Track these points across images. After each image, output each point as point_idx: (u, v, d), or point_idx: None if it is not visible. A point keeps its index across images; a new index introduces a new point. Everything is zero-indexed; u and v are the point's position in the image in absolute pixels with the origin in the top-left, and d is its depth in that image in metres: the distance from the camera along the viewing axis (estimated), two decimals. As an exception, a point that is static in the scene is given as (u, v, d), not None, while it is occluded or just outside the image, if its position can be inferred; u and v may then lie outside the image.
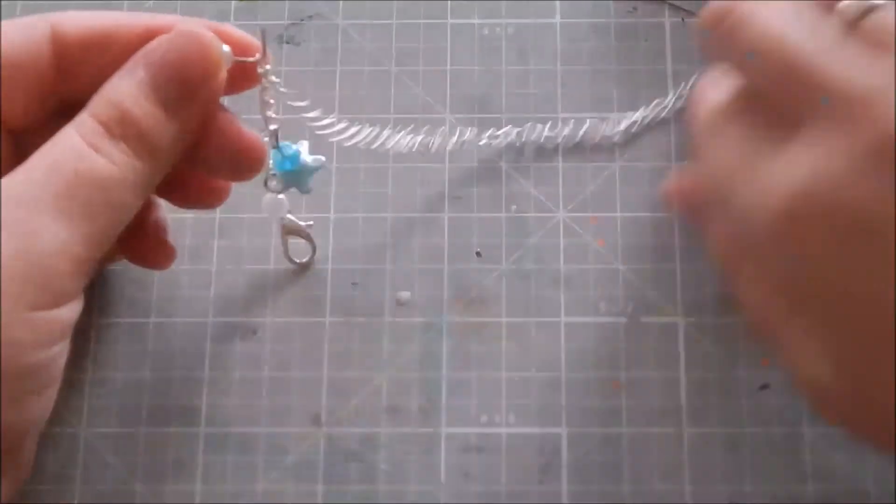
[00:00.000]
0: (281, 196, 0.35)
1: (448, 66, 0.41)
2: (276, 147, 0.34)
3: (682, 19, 0.41)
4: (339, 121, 0.36)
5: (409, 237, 0.38)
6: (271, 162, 0.34)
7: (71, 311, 0.28)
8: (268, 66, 0.32)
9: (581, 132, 0.38)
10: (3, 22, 0.30)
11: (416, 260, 0.38)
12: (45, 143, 0.28)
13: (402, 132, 0.37)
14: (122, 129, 0.28)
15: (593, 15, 0.41)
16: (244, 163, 0.32)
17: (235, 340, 0.37)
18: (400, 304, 0.38)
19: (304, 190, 0.35)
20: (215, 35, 0.30)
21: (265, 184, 0.34)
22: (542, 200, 0.39)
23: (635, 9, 0.41)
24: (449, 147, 0.37)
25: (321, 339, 0.37)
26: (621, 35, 0.41)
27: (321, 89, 0.40)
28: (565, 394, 0.36)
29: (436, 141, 0.37)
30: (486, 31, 0.41)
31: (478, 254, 0.38)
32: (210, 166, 0.32)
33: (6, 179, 0.27)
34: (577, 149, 0.39)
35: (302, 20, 0.42)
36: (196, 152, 0.31)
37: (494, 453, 0.36)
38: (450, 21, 0.41)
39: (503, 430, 0.36)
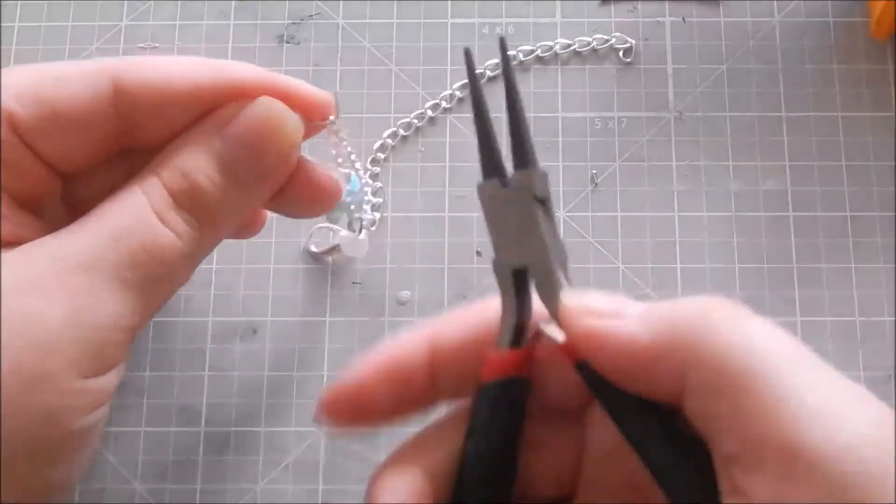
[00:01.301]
0: (362, 237, 0.36)
1: (448, 66, 0.41)
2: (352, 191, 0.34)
3: (683, 19, 0.41)
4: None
5: (410, 237, 0.38)
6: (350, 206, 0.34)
7: (117, 377, 0.27)
8: (340, 129, 0.31)
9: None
10: (65, 65, 0.28)
11: (417, 260, 0.38)
12: (108, 200, 0.27)
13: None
14: (191, 202, 0.27)
15: (597, 15, 0.41)
16: (318, 203, 0.31)
17: (235, 340, 0.37)
18: (400, 303, 0.38)
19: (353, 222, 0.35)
20: (293, 113, 0.28)
21: (348, 225, 0.35)
22: (542, 200, 0.39)
23: (636, 8, 0.41)
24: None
25: (321, 339, 0.37)
26: (623, 35, 0.41)
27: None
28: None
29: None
30: (485, 31, 0.41)
31: (478, 253, 0.38)
32: (279, 207, 0.31)
33: (68, 238, 0.26)
34: (578, 148, 0.39)
35: (302, 19, 0.42)
36: (273, 195, 0.30)
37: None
38: (450, 21, 0.41)
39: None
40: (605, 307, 0.24)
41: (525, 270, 0.26)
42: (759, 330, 0.22)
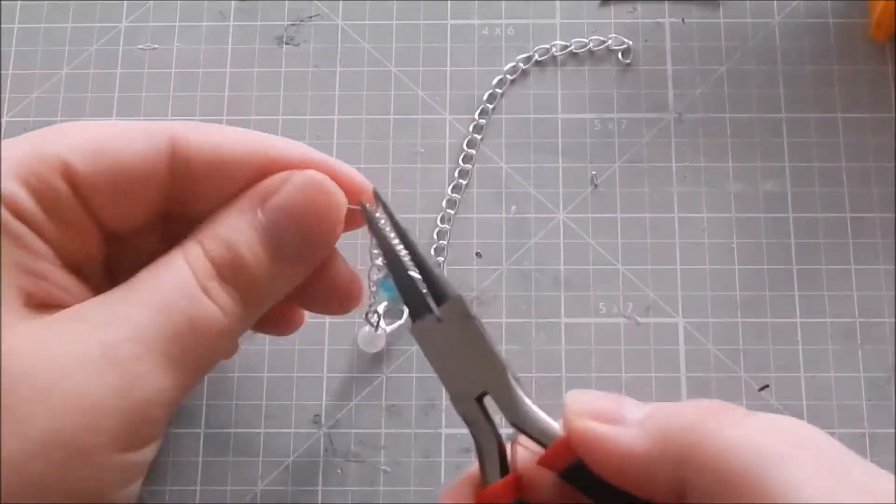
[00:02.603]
0: (379, 332, 0.36)
1: (448, 67, 0.41)
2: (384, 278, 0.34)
3: (682, 19, 0.41)
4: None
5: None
6: (374, 295, 0.34)
7: (153, 452, 0.26)
8: (379, 214, 0.30)
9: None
10: (122, 123, 0.28)
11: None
12: (151, 268, 0.26)
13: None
14: (234, 274, 0.27)
15: (596, 16, 0.41)
16: (344, 303, 0.31)
17: (235, 341, 0.37)
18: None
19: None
20: (339, 189, 0.28)
21: (365, 317, 0.35)
22: (542, 200, 0.39)
23: (635, 9, 0.41)
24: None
25: (321, 340, 0.37)
26: (623, 36, 0.41)
27: (321, 89, 0.40)
28: (565, 394, 0.36)
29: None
30: (485, 31, 0.41)
31: (478, 254, 0.38)
32: (308, 302, 0.31)
33: (114, 308, 0.25)
34: (577, 149, 0.39)
35: (302, 20, 0.42)
36: (299, 290, 0.29)
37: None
38: (450, 21, 0.41)
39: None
40: (605, 410, 0.24)
41: (484, 395, 0.26)
42: (755, 429, 0.22)
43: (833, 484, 0.20)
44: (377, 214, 0.29)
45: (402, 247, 0.28)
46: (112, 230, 0.28)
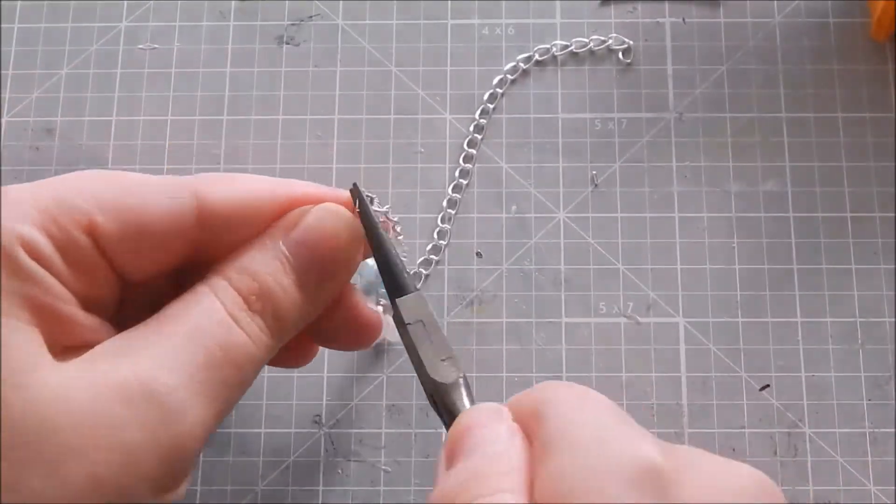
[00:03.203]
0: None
1: (448, 67, 0.41)
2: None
3: (683, 19, 0.41)
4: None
5: (410, 237, 0.38)
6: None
7: (184, 488, 0.26)
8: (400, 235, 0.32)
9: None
10: (147, 177, 0.28)
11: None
12: (179, 301, 0.27)
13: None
14: (262, 304, 0.27)
15: (596, 16, 0.41)
16: (362, 339, 0.32)
17: (235, 341, 0.37)
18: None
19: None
20: (353, 216, 0.29)
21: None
22: (542, 200, 0.39)
23: (636, 8, 0.41)
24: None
25: (321, 339, 0.37)
26: (623, 35, 0.41)
27: (321, 89, 0.40)
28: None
29: None
30: (486, 31, 0.41)
31: (478, 254, 0.38)
32: (325, 337, 0.32)
33: (145, 341, 0.25)
34: (577, 149, 0.39)
35: (302, 20, 0.42)
36: (318, 324, 0.30)
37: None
38: (450, 21, 0.41)
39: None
40: (453, 444, 0.25)
41: (433, 396, 0.28)
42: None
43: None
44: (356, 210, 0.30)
45: (373, 240, 0.29)
46: (129, 279, 0.28)
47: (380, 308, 0.34)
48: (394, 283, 0.29)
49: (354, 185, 0.30)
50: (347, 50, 0.41)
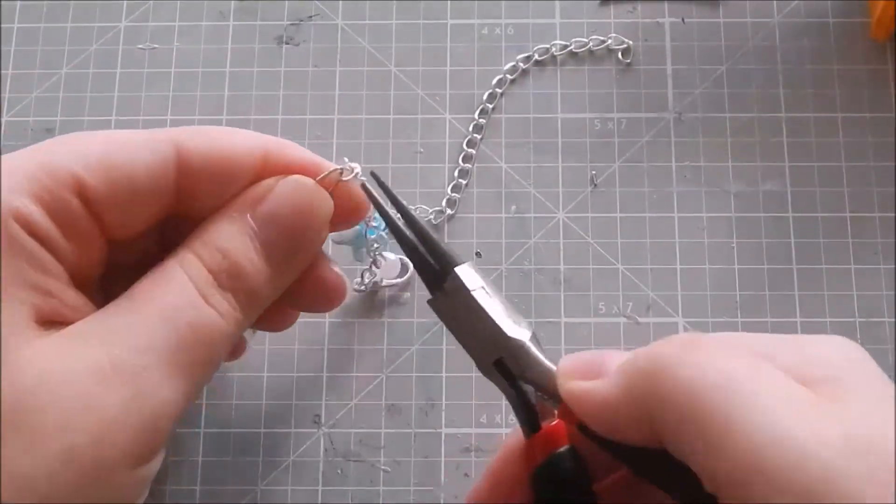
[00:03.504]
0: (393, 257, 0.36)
1: (447, 67, 0.41)
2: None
3: (682, 19, 0.41)
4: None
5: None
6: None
7: (160, 462, 0.27)
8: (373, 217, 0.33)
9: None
10: (129, 133, 0.28)
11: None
12: (151, 279, 0.27)
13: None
14: (231, 281, 0.27)
15: (596, 16, 0.41)
16: (329, 301, 0.32)
17: (235, 341, 0.37)
18: (400, 304, 0.38)
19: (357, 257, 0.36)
20: (323, 190, 0.29)
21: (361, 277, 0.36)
22: (541, 200, 0.39)
23: (635, 8, 0.41)
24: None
25: (321, 340, 0.37)
26: (623, 35, 0.41)
27: (321, 89, 0.40)
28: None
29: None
30: (485, 31, 0.41)
31: (478, 254, 0.38)
32: (296, 301, 0.32)
33: (119, 320, 0.26)
34: (577, 149, 0.39)
35: (301, 20, 0.42)
36: (288, 290, 0.30)
37: (494, 454, 0.36)
38: (450, 21, 0.41)
39: (503, 431, 0.36)
40: (588, 366, 0.25)
41: (502, 360, 0.27)
42: (705, 364, 0.22)
43: (788, 411, 0.20)
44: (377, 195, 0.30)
45: (403, 222, 0.29)
46: (116, 238, 0.28)
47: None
48: (443, 255, 0.28)
49: (372, 173, 0.30)
50: (347, 50, 0.41)
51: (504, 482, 0.27)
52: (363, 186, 0.30)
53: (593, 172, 0.39)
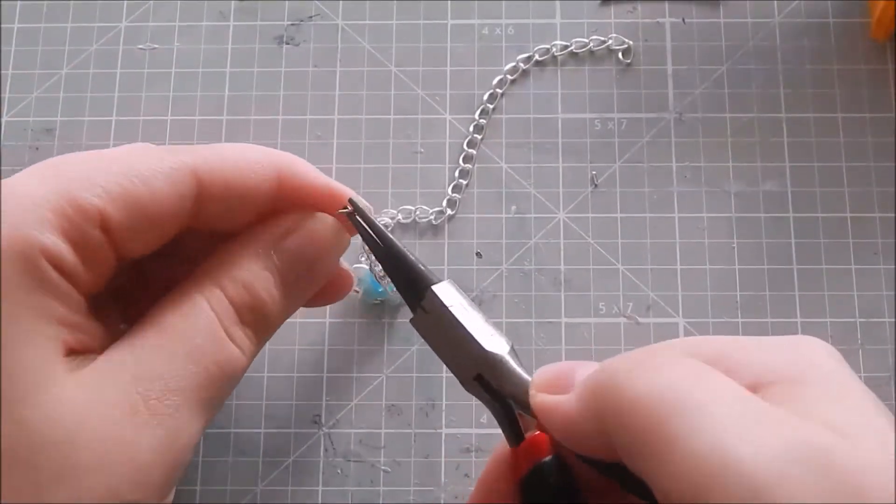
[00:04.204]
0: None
1: (448, 67, 0.41)
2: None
3: (683, 19, 0.41)
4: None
5: (410, 237, 0.38)
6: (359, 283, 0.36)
7: (173, 494, 0.28)
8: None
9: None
10: (147, 161, 0.27)
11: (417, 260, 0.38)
12: (175, 310, 0.27)
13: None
14: (253, 315, 0.28)
15: (596, 16, 0.41)
16: (336, 293, 0.33)
17: (235, 341, 0.37)
18: (400, 304, 0.37)
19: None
20: (342, 227, 0.30)
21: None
22: (541, 200, 0.39)
23: (635, 9, 0.41)
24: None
25: (321, 340, 0.37)
26: (623, 36, 0.41)
27: (321, 89, 0.40)
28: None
29: None
30: (485, 32, 0.41)
31: (478, 254, 0.38)
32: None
33: (146, 357, 0.26)
34: (577, 149, 0.39)
35: (302, 20, 0.42)
36: None
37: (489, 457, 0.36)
38: (450, 21, 0.41)
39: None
40: (557, 379, 0.25)
41: (481, 375, 0.27)
42: (652, 380, 0.21)
43: (738, 428, 0.20)
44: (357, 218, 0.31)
45: (383, 244, 0.30)
46: (129, 259, 0.28)
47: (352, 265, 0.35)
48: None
49: (350, 200, 0.30)
50: (347, 50, 0.41)
51: (495, 491, 0.27)
52: (349, 215, 0.30)
53: (594, 173, 0.39)
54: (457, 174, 0.39)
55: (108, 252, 0.27)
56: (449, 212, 0.39)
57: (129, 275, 0.29)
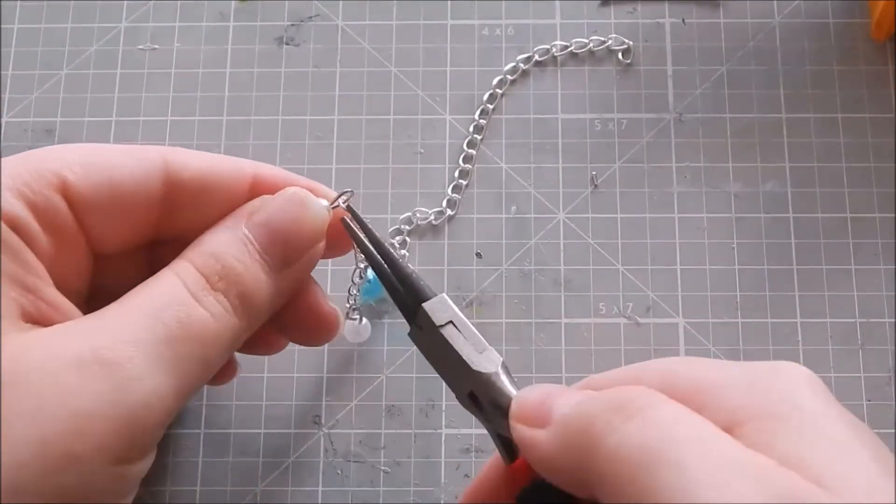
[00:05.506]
0: (364, 323, 0.36)
1: (448, 67, 0.41)
2: (368, 280, 0.36)
3: (683, 20, 0.41)
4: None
5: (410, 237, 0.38)
6: (356, 298, 0.36)
7: (148, 463, 0.26)
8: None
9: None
10: (116, 145, 0.28)
11: (417, 261, 0.38)
12: (142, 285, 0.27)
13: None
14: (224, 283, 0.27)
15: (596, 16, 0.41)
16: (321, 333, 0.32)
17: (235, 341, 0.37)
18: (400, 304, 0.37)
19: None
20: (318, 201, 0.30)
21: (346, 315, 0.36)
22: (541, 201, 0.39)
23: (635, 9, 0.41)
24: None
25: (321, 339, 0.37)
26: (623, 36, 0.41)
27: (321, 90, 0.40)
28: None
29: None
30: (485, 32, 0.41)
31: (478, 254, 0.38)
32: (288, 328, 0.32)
33: (105, 315, 0.26)
34: (577, 149, 0.39)
35: (302, 21, 0.42)
36: (280, 315, 0.30)
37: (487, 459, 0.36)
38: (450, 21, 0.41)
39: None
40: (534, 411, 0.24)
41: (473, 393, 0.27)
42: (629, 432, 0.21)
43: (707, 488, 0.20)
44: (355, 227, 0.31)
45: (379, 255, 0.30)
46: (102, 250, 0.28)
47: (339, 308, 0.34)
48: (413, 291, 0.29)
49: (349, 206, 0.31)
50: (347, 50, 0.41)
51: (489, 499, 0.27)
52: (343, 222, 0.30)
53: (594, 173, 0.39)
54: (457, 174, 0.39)
55: (74, 227, 0.27)
56: (449, 212, 0.39)
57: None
